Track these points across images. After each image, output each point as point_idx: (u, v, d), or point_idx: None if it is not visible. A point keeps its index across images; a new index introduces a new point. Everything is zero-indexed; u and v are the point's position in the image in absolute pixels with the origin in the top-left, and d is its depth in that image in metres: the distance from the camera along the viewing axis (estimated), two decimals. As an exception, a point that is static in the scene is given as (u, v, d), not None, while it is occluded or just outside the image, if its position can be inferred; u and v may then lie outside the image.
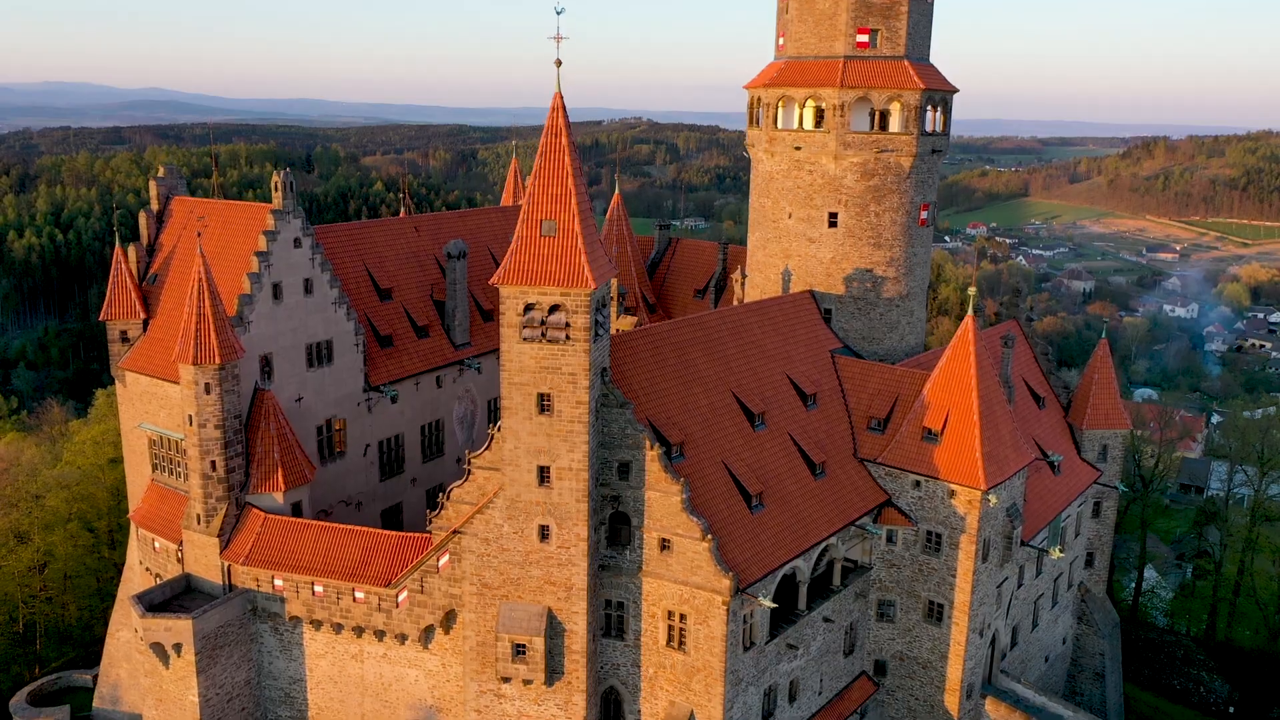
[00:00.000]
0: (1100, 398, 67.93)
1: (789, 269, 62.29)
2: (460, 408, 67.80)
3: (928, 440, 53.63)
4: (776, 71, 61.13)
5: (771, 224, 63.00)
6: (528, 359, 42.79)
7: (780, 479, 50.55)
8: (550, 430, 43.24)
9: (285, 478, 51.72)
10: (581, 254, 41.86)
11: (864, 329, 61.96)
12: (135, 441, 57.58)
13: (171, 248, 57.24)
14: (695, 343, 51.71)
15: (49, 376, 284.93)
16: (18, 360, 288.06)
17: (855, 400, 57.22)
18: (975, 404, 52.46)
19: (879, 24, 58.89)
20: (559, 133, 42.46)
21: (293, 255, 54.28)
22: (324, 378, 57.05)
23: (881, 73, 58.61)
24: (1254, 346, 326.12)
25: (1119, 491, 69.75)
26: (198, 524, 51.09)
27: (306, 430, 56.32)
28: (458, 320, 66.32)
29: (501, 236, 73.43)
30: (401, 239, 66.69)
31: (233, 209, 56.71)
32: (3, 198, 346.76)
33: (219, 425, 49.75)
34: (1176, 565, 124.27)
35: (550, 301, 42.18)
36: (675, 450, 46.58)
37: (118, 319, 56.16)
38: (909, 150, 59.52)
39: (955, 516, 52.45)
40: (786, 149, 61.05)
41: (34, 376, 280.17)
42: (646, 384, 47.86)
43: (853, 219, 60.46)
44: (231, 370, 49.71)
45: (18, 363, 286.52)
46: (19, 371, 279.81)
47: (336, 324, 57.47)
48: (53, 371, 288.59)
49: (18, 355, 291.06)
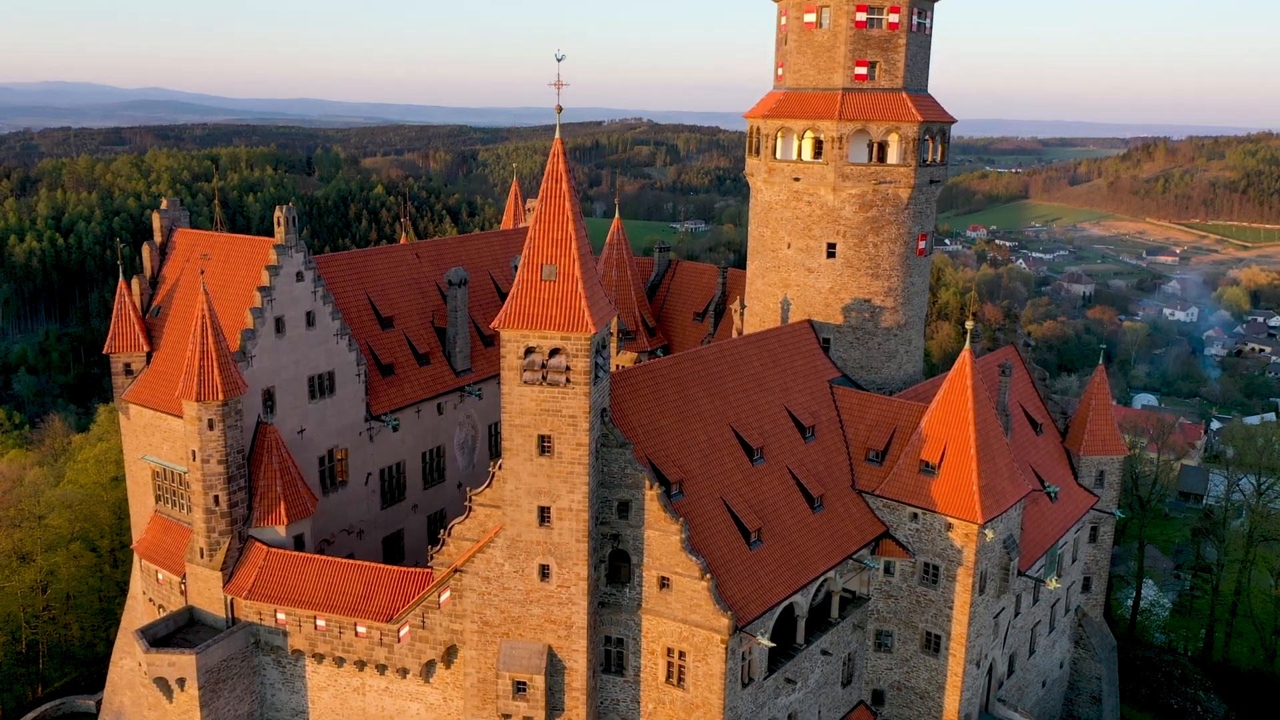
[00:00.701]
0: (1097, 424, 68.27)
1: (788, 298, 62.69)
2: (461, 433, 68.22)
3: (925, 473, 54.03)
4: (775, 102, 61.50)
5: (770, 253, 63.40)
6: (528, 401, 43.20)
7: (779, 514, 50.96)
8: (551, 471, 43.66)
9: (288, 511, 52.12)
10: (582, 299, 42.27)
11: (862, 358, 62.36)
12: (139, 472, 58.00)
13: (175, 280, 57.64)
14: (694, 378, 52.11)
15: (50, 381, 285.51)
16: (18, 365, 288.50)
17: (853, 431, 57.63)
18: (972, 438, 52.85)
19: (877, 56, 59.28)
20: (559, 178, 42.86)
21: (295, 289, 54.68)
22: (326, 409, 57.48)
23: (880, 105, 59.00)
24: (1254, 351, 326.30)
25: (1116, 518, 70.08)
26: (201, 558, 51.50)
27: (308, 461, 56.76)
28: (459, 347, 66.74)
29: (502, 261, 73.99)
30: (403, 266, 67.11)
31: (235, 242, 57.08)
32: (3, 201, 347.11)
33: (222, 461, 50.16)
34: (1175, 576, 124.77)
35: (551, 345, 42.59)
36: (674, 488, 47.00)
37: (121, 352, 56.54)
38: (907, 182, 59.91)
39: (952, 549, 52.86)
40: (785, 180, 61.44)
41: (35, 381, 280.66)
42: (646, 421, 48.25)
43: (851, 250, 60.85)
44: (234, 406, 50.10)
45: (18, 368, 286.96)
46: (20, 376, 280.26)
47: (338, 355, 57.89)
48: (53, 376, 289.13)
49: (18, 360, 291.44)
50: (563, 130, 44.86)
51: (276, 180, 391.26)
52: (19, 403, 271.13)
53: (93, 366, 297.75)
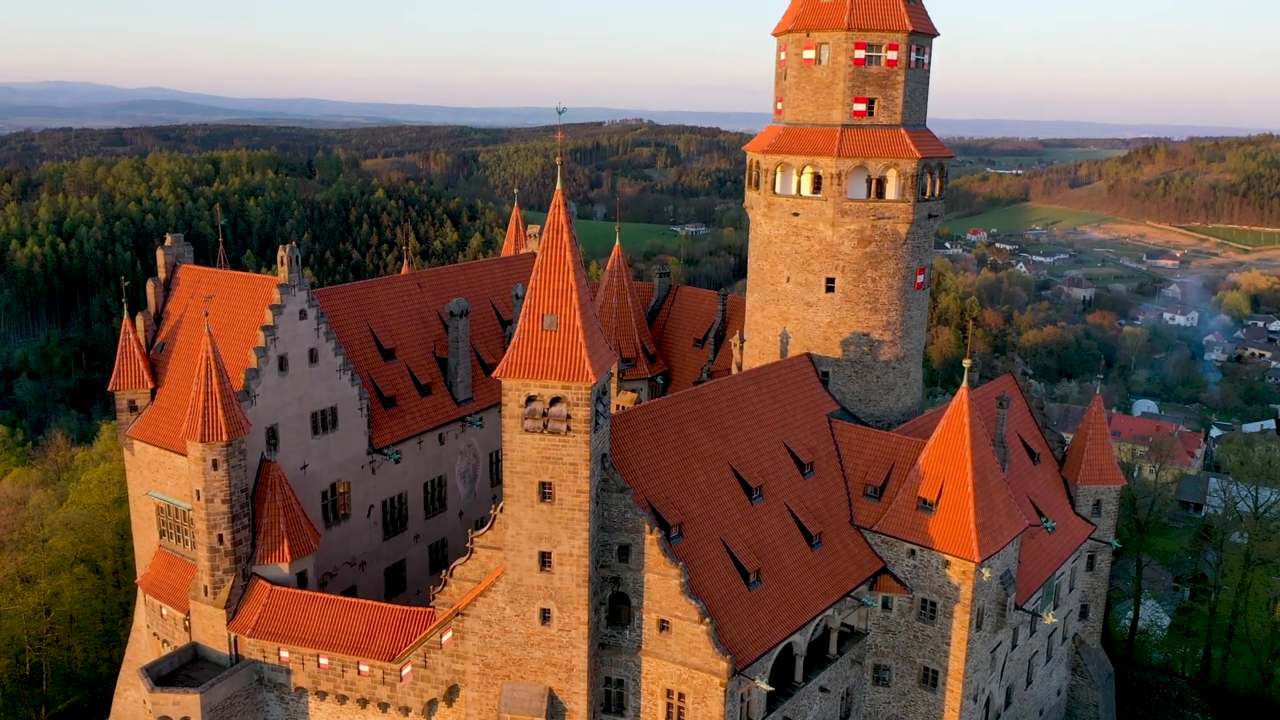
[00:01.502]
0: (1094, 454, 68.68)
1: (787, 331, 63.15)
2: (463, 462, 68.71)
3: (923, 510, 54.51)
4: (775, 137, 61.93)
5: (770, 286, 63.85)
6: (529, 449, 43.67)
7: (777, 553, 51.44)
8: (552, 518, 44.13)
9: (291, 549, 52.62)
10: (583, 348, 42.72)
11: (861, 391, 62.82)
12: (143, 507, 58.50)
13: (179, 317, 58.10)
14: (694, 417, 52.58)
15: (51, 387, 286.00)
16: (20, 370, 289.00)
17: (852, 466, 58.10)
18: (969, 476, 53.31)
19: (876, 93, 59.72)
20: (560, 229, 43.30)
21: (298, 327, 55.15)
22: (329, 444, 57.96)
23: (878, 142, 59.43)
24: (1253, 356, 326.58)
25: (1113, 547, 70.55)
26: (205, 595, 51.99)
27: (311, 495, 57.26)
28: (460, 377, 67.22)
29: (503, 289, 74.48)
30: (404, 296, 67.58)
31: (239, 280, 57.54)
32: (5, 206, 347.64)
33: (226, 500, 50.64)
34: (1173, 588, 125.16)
35: (551, 394, 43.05)
36: (674, 530, 47.46)
37: (126, 389, 57.01)
38: (905, 218, 60.37)
39: (949, 586, 53.33)
40: (785, 214, 61.89)
41: (36, 386, 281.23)
42: (646, 463, 48.72)
43: (850, 284, 61.31)
44: (238, 446, 50.57)
45: (20, 373, 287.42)
46: (21, 381, 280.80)
47: (341, 390, 58.36)
48: (55, 381, 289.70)
49: (20, 365, 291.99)
50: (563, 131, 45.38)
51: (278, 184, 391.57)
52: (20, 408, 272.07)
53: (94, 371, 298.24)
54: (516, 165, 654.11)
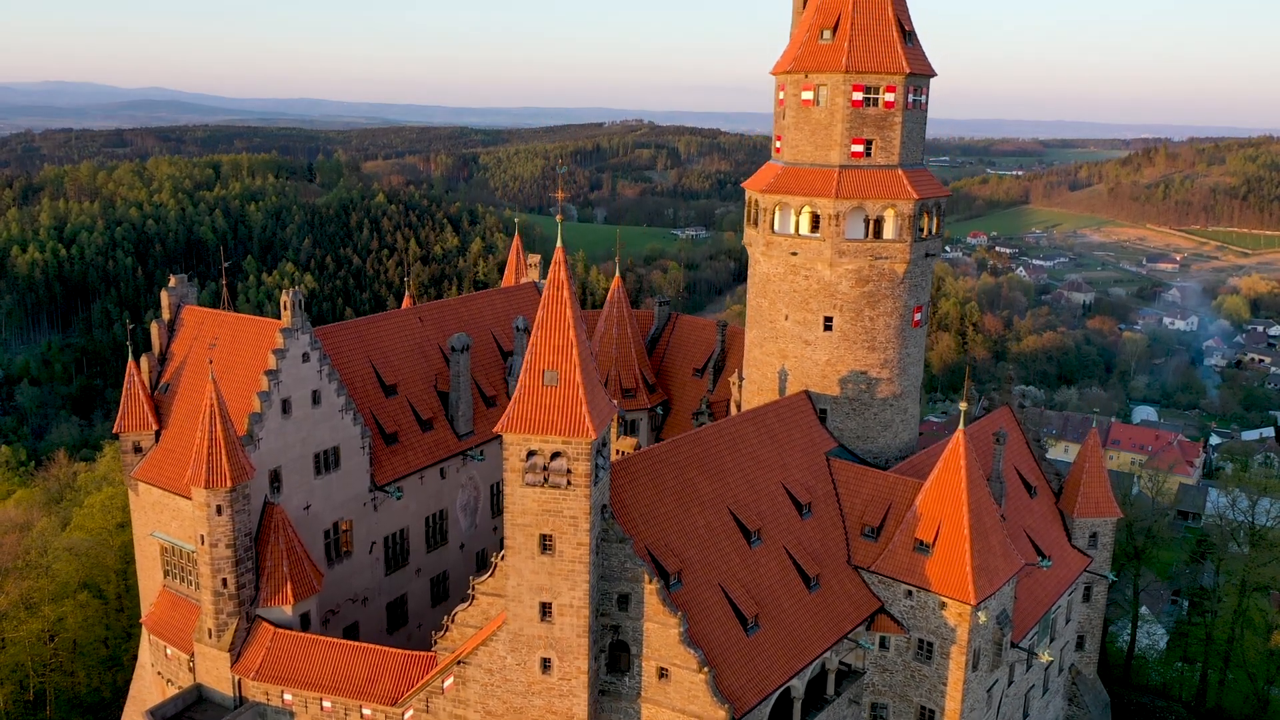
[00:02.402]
0: (1090, 486, 69.21)
1: (785, 369, 63.65)
2: (464, 495, 69.26)
3: (919, 551, 55.01)
4: (774, 177, 62.40)
5: (768, 324, 64.35)
6: (530, 502, 44.21)
7: (775, 596, 51.98)
8: (552, 569, 44.67)
9: (294, 591, 53.21)
10: (583, 404, 43.24)
11: (858, 428, 63.33)
12: (147, 546, 59.06)
13: (183, 358, 58.63)
14: (693, 461, 53.10)
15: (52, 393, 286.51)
16: (21, 377, 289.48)
17: (849, 505, 58.61)
18: (965, 518, 53.80)
19: (873, 134, 60.18)
20: (560, 285, 43.81)
21: (301, 370, 55.68)
22: (331, 483, 58.51)
23: (876, 183, 59.91)
24: (1253, 361, 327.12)
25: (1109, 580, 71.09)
26: (209, 638, 52.56)
27: (314, 535, 57.83)
28: (461, 411, 67.78)
29: (504, 320, 75.01)
30: (406, 330, 68.12)
31: (242, 323, 58.05)
32: (6, 211, 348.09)
33: (230, 545, 51.21)
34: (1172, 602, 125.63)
35: (552, 449, 43.57)
36: (673, 578, 48.00)
37: (130, 431, 57.54)
38: (903, 257, 60.86)
39: (946, 627, 53.86)
40: (783, 253, 62.38)
41: (37, 393, 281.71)
42: (645, 510, 49.25)
43: (847, 323, 61.81)
44: (242, 491, 51.13)
45: (21, 379, 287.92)
46: (22, 388, 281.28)
47: (343, 430, 58.90)
48: (56, 387, 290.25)
49: (21, 372, 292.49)
50: (563, 133, 46.49)
51: (278, 188, 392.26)
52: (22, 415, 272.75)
53: (94, 378, 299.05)
54: (517, 167, 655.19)
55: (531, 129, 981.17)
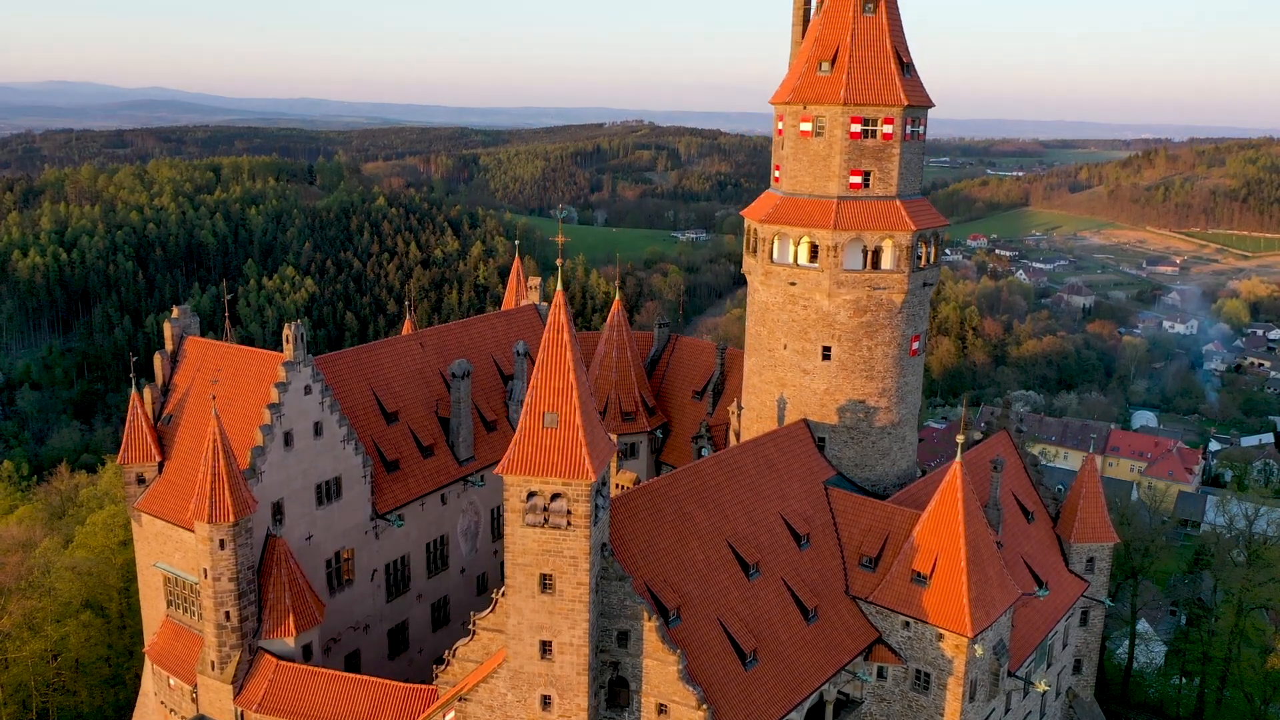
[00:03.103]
0: (1088, 511, 69.57)
1: (784, 397, 64.05)
2: (464, 520, 69.66)
3: (917, 583, 55.42)
4: (773, 207, 62.78)
5: (767, 352, 64.75)
6: (530, 542, 44.61)
7: (773, 629, 52.39)
8: (552, 608, 45.07)
9: (296, 623, 53.62)
10: (583, 446, 43.63)
11: (856, 456, 63.74)
12: (150, 576, 59.49)
13: (186, 389, 59.03)
14: (692, 494, 53.51)
15: (53, 397, 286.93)
16: (22, 381, 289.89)
17: (847, 535, 59.01)
18: (962, 550, 54.20)
19: (871, 166, 60.59)
20: (561, 329, 44.17)
21: (303, 402, 56.08)
22: (333, 512, 58.93)
23: (874, 215, 60.30)
24: (1253, 365, 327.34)
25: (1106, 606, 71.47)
26: (212, 670, 53.00)
27: (315, 564, 58.25)
28: (462, 437, 68.19)
29: (504, 344, 75.41)
30: (407, 357, 68.50)
31: (245, 356, 58.41)
32: (7, 215, 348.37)
33: (233, 579, 51.62)
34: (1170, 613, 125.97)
35: (552, 490, 43.96)
36: (672, 614, 48.42)
37: (134, 463, 57.94)
38: (901, 288, 61.26)
39: (943, 659, 54.27)
40: (782, 283, 62.77)
41: (39, 397, 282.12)
42: (645, 545, 49.66)
43: (846, 353, 62.21)
44: (245, 525, 51.54)
45: (22, 383, 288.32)
46: (24, 393, 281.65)
47: (345, 460, 59.31)
48: (57, 392, 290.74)
49: (22, 376, 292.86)
50: (563, 134, 46.99)
51: (279, 191, 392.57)
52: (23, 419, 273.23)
53: (95, 382, 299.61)
54: (517, 168, 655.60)
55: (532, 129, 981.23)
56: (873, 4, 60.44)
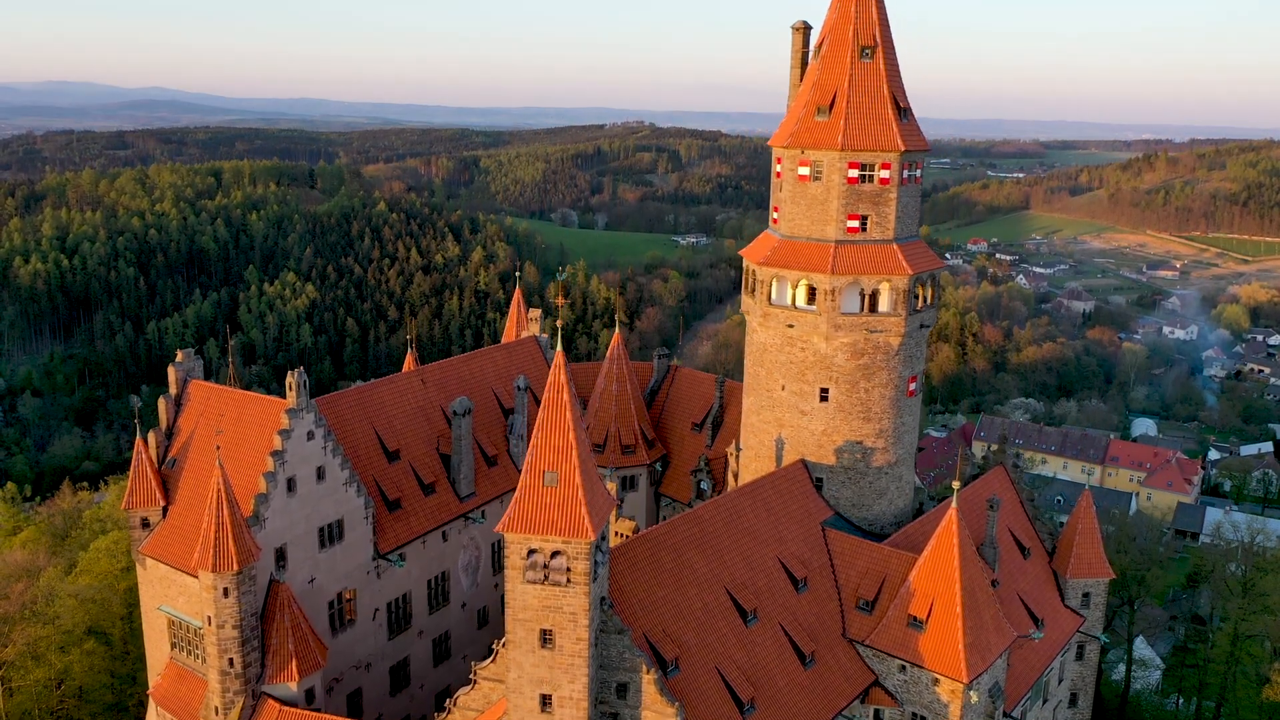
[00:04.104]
0: (1083, 547, 70.09)
1: (782, 438, 64.61)
2: (465, 555, 70.23)
3: (913, 627, 56.02)
4: (771, 249, 63.29)
5: (765, 392, 65.31)
6: (531, 598, 45.18)
7: (771, 676, 52.98)
8: (552, 663, 45.65)
9: (299, 668, 54.15)
10: (582, 505, 44.20)
11: (854, 496, 64.32)
12: (154, 618, 60.06)
13: (190, 433, 59.58)
14: (691, 542, 54.09)
15: (54, 404, 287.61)
16: (24, 388, 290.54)
17: (845, 577, 59.58)
18: (958, 596, 54.79)
19: (869, 210, 61.12)
20: (560, 389, 44.71)
21: (306, 448, 56.62)
22: (335, 555, 59.49)
23: (871, 259, 60.81)
24: (1252, 372, 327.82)
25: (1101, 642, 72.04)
26: (216, 715, 53.56)
27: (318, 606, 58.81)
28: (463, 473, 68.76)
29: (505, 377, 75.94)
30: (409, 394, 69.02)
31: (248, 402, 58.91)
32: (9, 221, 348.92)
33: (236, 625, 52.17)
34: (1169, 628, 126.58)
35: (552, 548, 44.54)
36: (671, 664, 49.01)
37: (138, 507, 58.51)
38: (898, 330, 61.80)
39: (939, 703, 54.87)
40: (780, 325, 63.32)
41: (40, 404, 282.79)
42: (643, 595, 50.25)
43: (843, 395, 62.76)
44: (248, 573, 52.10)
45: (24, 390, 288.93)
46: (25, 399, 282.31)
47: (347, 502, 59.85)
48: (58, 399, 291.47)
49: (24, 383, 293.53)
50: (564, 135, 47.70)
51: (279, 196, 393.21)
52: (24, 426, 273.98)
53: (96, 389, 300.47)
54: (518, 170, 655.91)
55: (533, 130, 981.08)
56: (870, 50, 60.95)
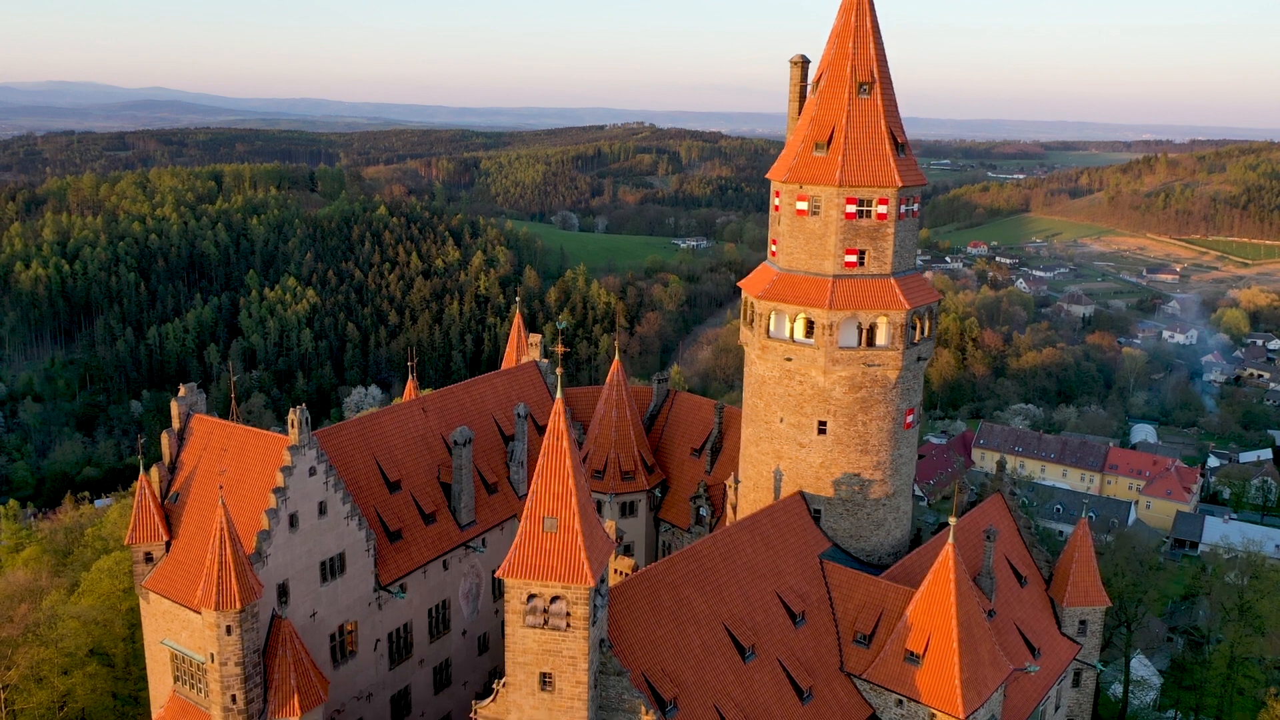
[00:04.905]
0: (1080, 575, 70.53)
1: (780, 469, 65.06)
2: (466, 583, 70.70)
3: (910, 661, 56.46)
4: (770, 282, 63.70)
5: (764, 424, 65.76)
6: (531, 642, 45.68)
7: (769, 713, 53.41)
8: (552, 705, 46.14)
9: (301, 703, 54.58)
10: (581, 550, 44.67)
11: (851, 528, 64.76)
12: (158, 652, 60.53)
13: (192, 467, 60.02)
14: (689, 579, 54.53)
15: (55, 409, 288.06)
16: (25, 394, 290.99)
17: (842, 611, 60.03)
18: (955, 632, 55.22)
19: (866, 245, 61.53)
20: (560, 435, 45.17)
21: (308, 484, 57.07)
22: (337, 588, 59.96)
23: (869, 294, 61.22)
24: (1252, 377, 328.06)
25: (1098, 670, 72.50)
26: (219, 750, 54.05)
27: (319, 639, 59.29)
28: (464, 502, 69.23)
29: (505, 403, 76.43)
30: (410, 423, 69.50)
31: (250, 438, 59.34)
32: (10, 225, 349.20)
33: (239, 663, 52.65)
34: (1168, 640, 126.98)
35: (552, 593, 45.04)
36: (669, 704, 49.47)
37: (141, 542, 58.97)
38: (895, 364, 62.23)
39: (936, 737, 55.32)
40: (778, 358, 63.75)
41: (41, 409, 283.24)
42: (642, 635, 50.70)
43: (841, 428, 63.20)
44: (251, 610, 52.57)
45: (25, 396, 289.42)
46: (26, 405, 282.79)
47: (349, 535, 60.32)
48: (59, 404, 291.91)
49: (25, 388, 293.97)
50: (564, 135, 47.93)
51: (280, 200, 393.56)
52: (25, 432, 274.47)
53: (98, 394, 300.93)
54: (518, 172, 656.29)
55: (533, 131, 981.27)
56: (868, 86, 61.36)
